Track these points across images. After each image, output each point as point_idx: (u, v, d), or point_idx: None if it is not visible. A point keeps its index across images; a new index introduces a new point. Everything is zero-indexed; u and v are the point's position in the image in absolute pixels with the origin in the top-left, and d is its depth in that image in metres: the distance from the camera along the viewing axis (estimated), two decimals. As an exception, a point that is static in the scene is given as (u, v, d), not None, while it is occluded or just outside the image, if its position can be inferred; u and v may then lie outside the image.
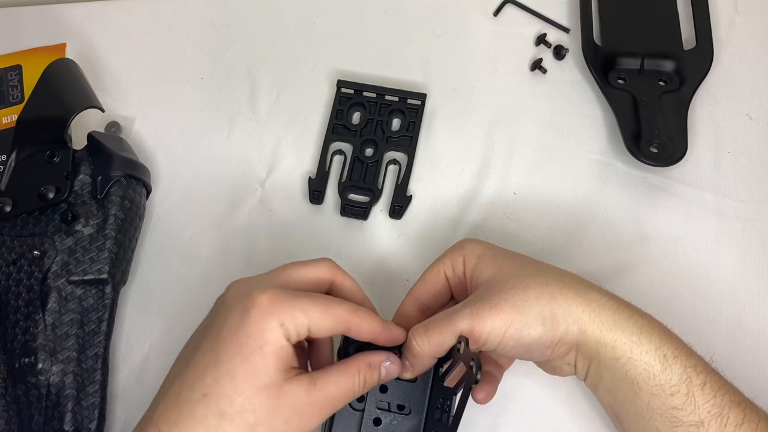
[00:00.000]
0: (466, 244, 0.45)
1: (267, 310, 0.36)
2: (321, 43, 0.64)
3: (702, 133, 0.57)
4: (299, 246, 0.56)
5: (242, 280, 0.40)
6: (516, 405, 0.49)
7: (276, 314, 0.36)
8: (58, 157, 0.53)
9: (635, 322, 0.40)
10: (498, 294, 0.40)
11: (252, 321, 0.36)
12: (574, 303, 0.40)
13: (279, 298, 0.37)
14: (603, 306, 0.40)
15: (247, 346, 0.36)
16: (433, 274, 0.46)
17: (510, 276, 0.41)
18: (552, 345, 0.40)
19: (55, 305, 0.49)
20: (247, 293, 0.37)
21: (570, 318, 0.39)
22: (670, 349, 0.39)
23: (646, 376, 0.39)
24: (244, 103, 0.62)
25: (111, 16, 0.67)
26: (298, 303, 0.37)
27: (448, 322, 0.40)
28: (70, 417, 0.48)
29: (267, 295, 0.37)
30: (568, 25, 0.63)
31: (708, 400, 0.38)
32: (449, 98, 0.60)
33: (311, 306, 0.37)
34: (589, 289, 0.41)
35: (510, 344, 0.39)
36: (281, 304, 0.37)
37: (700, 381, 0.39)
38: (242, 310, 0.37)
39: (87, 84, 0.57)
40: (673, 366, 0.39)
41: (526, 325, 0.39)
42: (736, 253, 0.53)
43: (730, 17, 0.62)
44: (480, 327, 0.39)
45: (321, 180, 0.57)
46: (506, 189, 0.56)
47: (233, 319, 0.37)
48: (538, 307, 0.39)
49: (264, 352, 0.36)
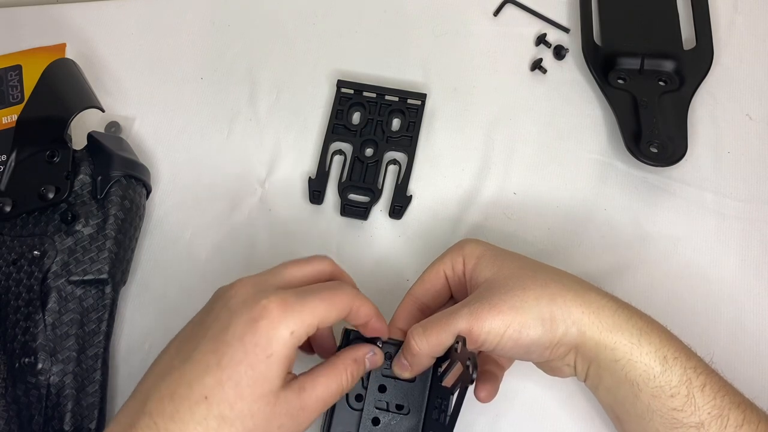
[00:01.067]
0: (466, 244, 0.45)
1: (277, 319, 0.36)
2: (321, 43, 0.64)
3: (702, 133, 0.57)
4: (299, 246, 0.56)
5: (246, 282, 0.39)
6: (516, 405, 0.49)
7: (286, 322, 0.36)
8: (58, 157, 0.53)
9: (635, 324, 0.40)
10: (497, 294, 0.40)
11: (261, 330, 0.36)
12: (574, 304, 0.40)
13: (288, 304, 0.37)
14: (602, 307, 0.40)
15: (254, 354, 0.36)
16: (433, 274, 0.46)
17: (509, 277, 0.41)
18: (551, 346, 0.40)
19: (55, 305, 0.49)
20: (254, 299, 0.37)
21: (569, 320, 0.39)
22: (670, 351, 0.39)
23: (646, 377, 0.39)
24: (244, 103, 0.62)
25: (111, 16, 0.67)
26: (306, 304, 0.37)
27: (447, 321, 0.40)
28: (70, 417, 0.48)
29: (276, 304, 0.36)
30: (568, 25, 0.63)
31: (708, 402, 0.38)
32: (449, 98, 0.60)
33: (319, 303, 0.37)
34: (589, 290, 0.41)
35: (509, 345, 0.39)
36: (291, 310, 0.36)
37: (700, 382, 0.38)
38: (250, 318, 0.36)
39: (87, 84, 0.57)
40: (673, 367, 0.39)
41: (524, 326, 0.39)
42: (736, 253, 0.53)
43: (730, 17, 0.62)
44: (479, 327, 0.39)
45: (321, 180, 0.57)
46: (506, 189, 0.56)
47: (239, 325, 0.36)
48: (537, 309, 0.39)
49: (270, 362, 0.36)
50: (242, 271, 0.55)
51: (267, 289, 0.38)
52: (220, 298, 0.39)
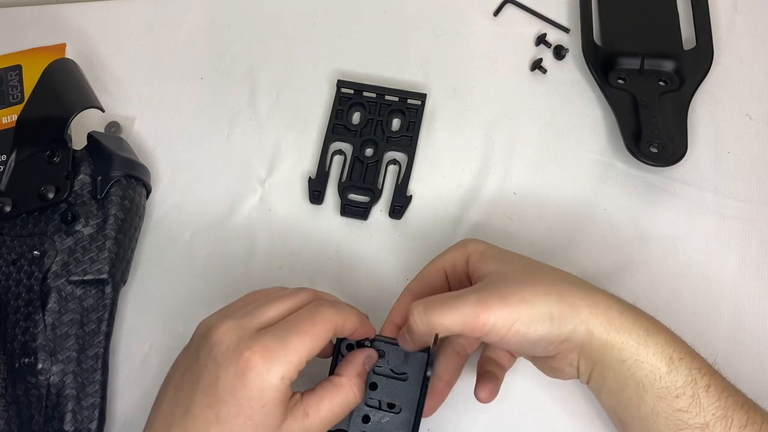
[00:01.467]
0: (469, 243, 0.45)
1: (264, 369, 0.36)
2: (321, 43, 0.64)
3: (702, 133, 0.57)
4: (299, 246, 0.56)
5: (228, 326, 0.38)
6: (516, 405, 0.49)
7: (274, 370, 0.36)
8: (58, 157, 0.53)
9: (641, 324, 0.39)
10: (508, 286, 0.39)
11: (251, 384, 0.36)
12: (582, 304, 0.39)
13: (271, 350, 0.37)
14: (610, 308, 0.40)
15: (249, 407, 0.36)
16: (433, 271, 0.46)
17: (518, 272, 0.41)
18: (557, 342, 0.39)
19: (55, 305, 0.49)
20: (237, 351, 0.37)
21: (578, 318, 0.39)
22: (675, 352, 0.39)
23: (652, 378, 0.38)
24: (244, 103, 0.62)
25: (111, 16, 0.67)
26: (289, 346, 0.37)
27: (453, 305, 0.39)
28: (71, 417, 0.48)
29: (259, 354, 0.36)
30: (568, 25, 0.63)
31: (713, 403, 0.38)
32: (449, 98, 0.60)
33: (301, 340, 0.37)
34: (596, 291, 0.41)
35: (515, 339, 0.39)
36: (275, 356, 0.36)
37: (705, 383, 0.38)
38: (238, 372, 0.36)
39: (87, 84, 0.57)
40: (679, 368, 0.38)
41: (533, 321, 0.38)
42: (736, 253, 0.53)
43: (730, 17, 0.62)
44: (485, 316, 0.38)
45: (321, 180, 0.57)
46: (506, 189, 0.56)
47: (228, 379, 0.36)
48: (547, 305, 0.39)
49: (266, 410, 0.36)
50: (242, 271, 0.55)
51: (248, 336, 0.37)
52: (205, 342, 0.39)
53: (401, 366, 0.43)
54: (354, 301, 0.53)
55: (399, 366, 0.43)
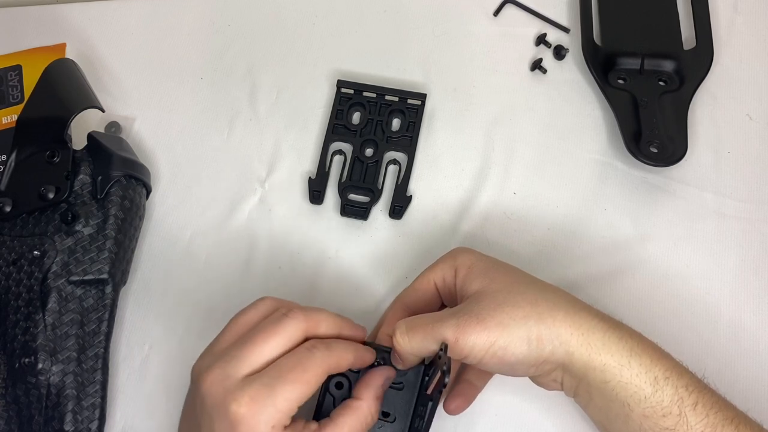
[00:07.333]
0: (458, 254, 0.45)
1: (253, 421, 0.36)
2: (321, 43, 0.64)
3: (702, 133, 0.57)
4: (299, 246, 0.56)
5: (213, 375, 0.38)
6: (516, 405, 0.49)
7: (264, 421, 0.36)
8: (58, 157, 0.53)
9: (625, 344, 0.39)
10: (486, 309, 0.40)
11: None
12: (563, 325, 0.39)
13: (259, 401, 0.36)
14: (592, 329, 0.39)
15: None
16: (423, 283, 0.46)
17: (499, 291, 0.41)
18: (536, 364, 0.39)
19: (55, 305, 0.49)
20: (224, 404, 0.36)
21: (557, 340, 0.39)
22: (661, 371, 0.39)
23: (637, 398, 0.38)
24: (244, 103, 0.62)
25: (111, 16, 0.67)
26: (277, 394, 0.36)
27: (432, 328, 0.39)
28: (71, 417, 0.48)
29: (247, 407, 0.36)
30: (568, 25, 0.63)
31: (701, 420, 0.38)
32: (449, 98, 0.60)
33: (290, 387, 0.37)
34: (580, 310, 0.40)
35: (493, 361, 0.39)
36: (264, 406, 0.36)
37: (692, 401, 0.38)
38: (228, 425, 0.36)
39: (87, 84, 0.57)
40: (665, 388, 0.38)
41: (510, 344, 0.39)
42: (736, 253, 0.53)
43: (730, 17, 0.62)
44: (464, 340, 0.38)
45: (321, 180, 0.57)
46: (506, 189, 0.56)
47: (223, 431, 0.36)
48: (524, 327, 0.39)
49: None
50: (242, 271, 0.55)
51: (233, 387, 0.37)
52: (198, 392, 0.38)
53: (397, 375, 0.43)
54: (353, 302, 0.53)
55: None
